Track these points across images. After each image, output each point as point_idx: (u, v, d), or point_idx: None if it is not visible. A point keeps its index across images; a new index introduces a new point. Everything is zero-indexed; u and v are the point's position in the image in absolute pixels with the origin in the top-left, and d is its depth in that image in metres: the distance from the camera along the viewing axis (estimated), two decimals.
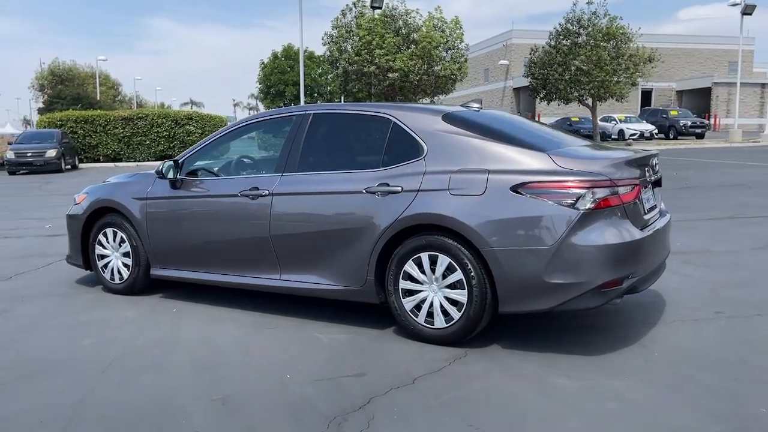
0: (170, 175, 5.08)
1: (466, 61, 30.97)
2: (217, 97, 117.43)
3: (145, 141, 28.32)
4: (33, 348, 4.20)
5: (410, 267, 4.08)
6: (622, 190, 3.82)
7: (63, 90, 52.69)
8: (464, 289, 3.91)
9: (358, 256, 4.23)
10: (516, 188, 3.79)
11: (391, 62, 28.42)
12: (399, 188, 4.10)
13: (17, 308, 5.14)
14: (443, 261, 3.97)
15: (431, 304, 4.05)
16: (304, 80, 45.81)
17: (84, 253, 5.70)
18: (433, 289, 4.04)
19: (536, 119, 44.64)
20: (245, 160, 5.26)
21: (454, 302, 3.98)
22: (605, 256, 3.69)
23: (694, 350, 3.90)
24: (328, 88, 40.60)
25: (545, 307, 3.80)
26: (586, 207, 3.68)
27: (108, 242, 5.52)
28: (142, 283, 5.41)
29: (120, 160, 28.12)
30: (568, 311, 4.13)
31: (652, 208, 4.32)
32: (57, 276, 6.18)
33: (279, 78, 47.46)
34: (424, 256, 4.03)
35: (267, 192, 4.61)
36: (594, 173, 3.76)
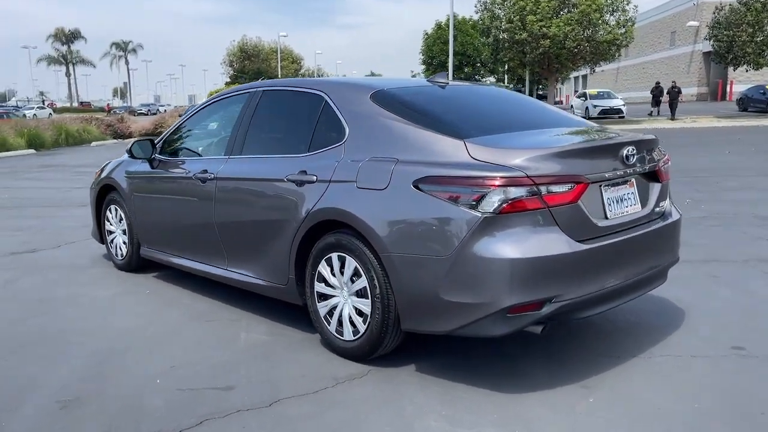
0: (138, 155, 5.01)
1: (633, 24, 28.11)
2: (399, 70, 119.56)
3: None
4: None
5: (323, 268, 3.57)
6: (548, 189, 2.97)
7: (247, 65, 56.75)
8: (368, 298, 3.34)
9: (281, 252, 3.80)
10: (417, 183, 3.11)
11: (545, 28, 26.64)
12: (314, 178, 3.59)
13: (24, 277, 5.42)
14: (350, 264, 3.41)
15: (341, 312, 3.53)
16: (465, 51, 44.96)
17: (100, 228, 5.88)
18: (344, 296, 3.50)
19: (727, 87, 38.76)
20: (213, 140, 5.01)
21: (360, 312, 3.42)
22: (512, 273, 2.89)
23: (654, 403, 2.97)
24: (479, 57, 39.19)
25: (443, 329, 3.11)
26: (490, 210, 2.90)
27: (112, 219, 5.63)
28: (136, 262, 5.44)
29: None
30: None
31: (627, 210, 3.36)
32: (97, 249, 6.44)
33: (441, 48, 46.81)
34: (335, 257, 3.50)
35: (212, 176, 4.33)
36: (505, 167, 2.95)
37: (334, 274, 3.51)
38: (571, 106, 36.82)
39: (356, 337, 3.43)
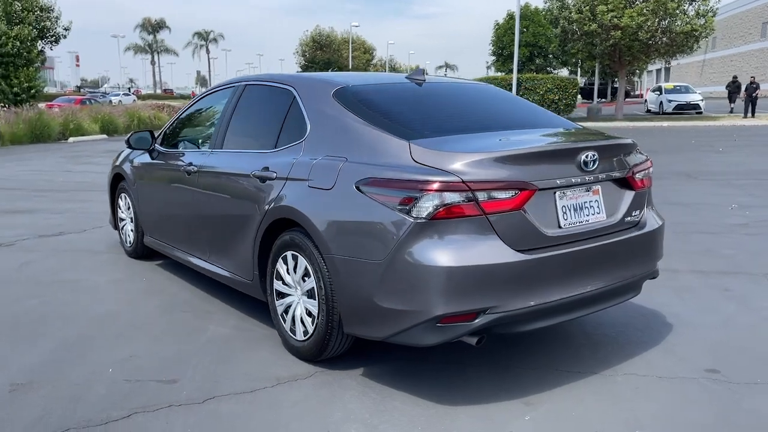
0: (137, 146, 5.12)
1: (714, 15, 26.59)
2: (472, 61, 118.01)
3: None
4: None
5: (280, 266, 3.55)
6: (488, 195, 2.82)
7: (318, 55, 57.45)
8: (316, 299, 3.29)
9: (247, 247, 3.81)
10: (358, 184, 3.03)
11: (616, 19, 25.57)
12: (274, 174, 3.56)
13: (41, 260, 5.67)
14: (302, 264, 3.37)
15: (294, 312, 3.50)
16: (537, 42, 43.72)
17: (114, 215, 6.09)
18: (298, 295, 3.47)
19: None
20: (204, 133, 5.05)
21: (309, 313, 3.38)
22: (443, 282, 2.77)
23: (592, 425, 2.78)
24: (548, 48, 37.98)
25: (378, 335, 3.03)
26: (423, 215, 2.78)
27: (122, 207, 5.81)
28: (141, 249, 5.59)
29: None
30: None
31: (588, 218, 3.16)
32: (115, 236, 6.65)
33: (512, 39, 45.54)
34: (289, 256, 3.47)
35: (196, 169, 4.38)
36: (441, 171, 2.82)
37: (289, 273, 3.49)
38: (645, 100, 35.33)
39: (306, 338, 3.40)
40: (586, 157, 3.09)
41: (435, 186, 2.77)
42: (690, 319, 4.06)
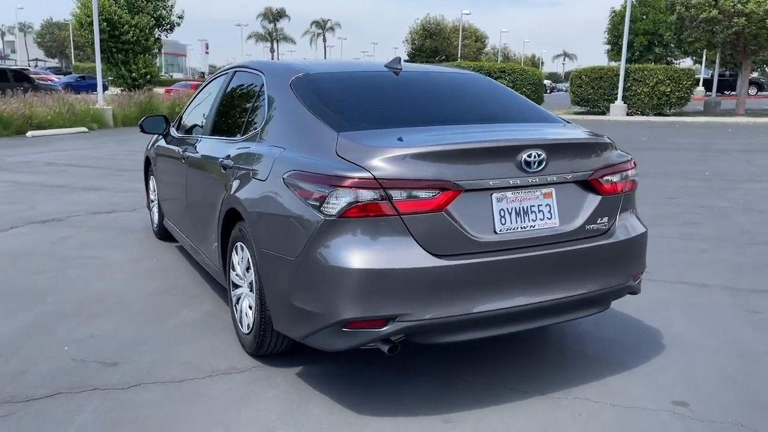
0: (150, 131, 5.24)
1: None
2: (596, 49, 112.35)
3: None
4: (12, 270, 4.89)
5: (234, 256, 3.51)
6: (406, 194, 2.60)
7: (425, 44, 57.17)
8: (254, 292, 3.22)
9: (215, 236, 3.81)
10: (284, 176, 2.90)
11: (740, 5, 23.44)
12: (231, 163, 3.52)
13: (77, 236, 5.99)
14: (245, 256, 3.31)
15: (242, 304, 3.45)
16: (657, 30, 40.87)
17: (147, 197, 6.34)
18: (245, 287, 3.41)
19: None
20: (203, 118, 5.07)
21: (251, 306, 3.31)
22: (349, 285, 2.59)
23: None
24: (664, 36, 35.23)
25: (295, 335, 2.90)
26: (333, 213, 2.61)
27: (151, 189, 6.03)
28: (162, 231, 5.77)
29: None
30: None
31: (534, 224, 2.86)
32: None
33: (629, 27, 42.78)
34: (238, 247, 3.42)
35: (187, 154, 4.43)
36: (356, 167, 2.63)
37: (239, 264, 3.44)
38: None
39: (248, 331, 3.34)
40: (528, 156, 2.78)
41: (345, 182, 2.60)
42: (690, 342, 3.61)
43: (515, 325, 2.90)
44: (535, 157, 2.79)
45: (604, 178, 3.03)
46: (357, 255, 2.59)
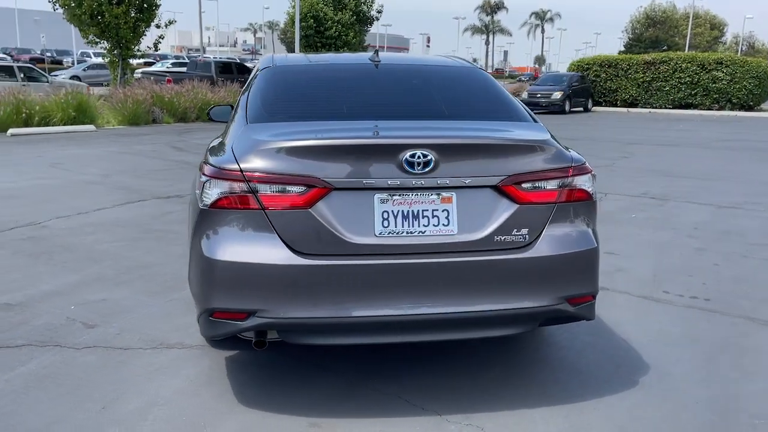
0: (217, 118, 5.60)
1: None
2: None
3: (665, 87, 26.66)
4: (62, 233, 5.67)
5: None
6: (270, 189, 2.56)
7: (645, 33, 52.91)
8: None
9: None
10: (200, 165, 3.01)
11: None
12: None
13: (181, 212, 6.73)
14: None
15: None
16: None
17: None
18: None
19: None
20: None
21: None
22: (214, 275, 2.62)
23: None
24: None
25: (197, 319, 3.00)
26: (207, 203, 2.66)
27: None
28: None
29: (635, 106, 27.39)
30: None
31: (425, 229, 2.62)
32: None
33: None
34: None
35: None
36: (230, 159, 2.65)
37: None
38: None
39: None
40: (411, 156, 2.56)
41: (215, 173, 2.64)
42: (669, 379, 3.05)
43: (399, 335, 2.72)
44: (419, 157, 2.57)
45: (523, 185, 2.68)
46: (222, 246, 2.62)
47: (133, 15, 20.54)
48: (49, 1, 20.37)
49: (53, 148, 11.46)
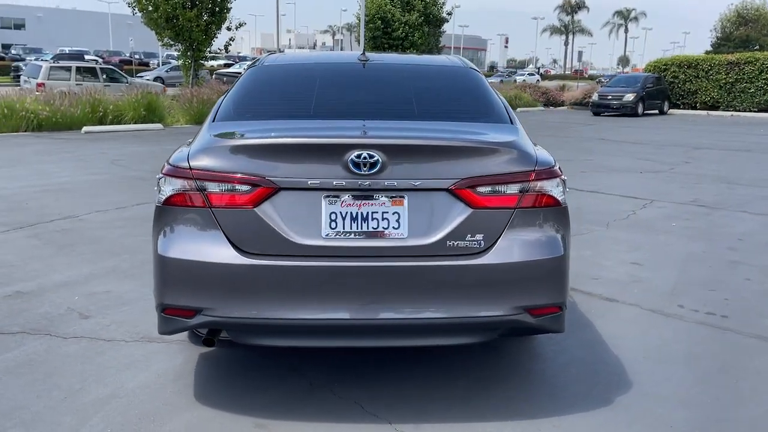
0: None
1: None
2: None
3: (749, 89, 25.12)
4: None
5: None
6: (218, 187, 2.56)
7: (735, 32, 50.11)
8: None
9: None
10: None
11: None
12: None
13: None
14: None
15: None
16: None
17: None
18: None
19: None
20: None
21: None
22: (162, 271, 2.65)
23: None
24: None
25: None
26: (161, 200, 2.69)
27: None
28: None
29: (716, 109, 25.95)
30: None
31: (375, 232, 2.54)
32: None
33: None
34: None
35: None
36: (182, 156, 2.68)
37: None
38: None
39: None
40: (357, 157, 2.49)
41: (169, 171, 2.67)
42: (648, 399, 2.84)
43: (345, 339, 2.66)
44: (365, 158, 2.50)
45: (478, 189, 2.56)
46: (170, 243, 2.64)
47: (205, 18, 21.28)
48: (129, 6, 21.41)
49: (119, 145, 12.01)
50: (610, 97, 23.80)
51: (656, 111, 25.06)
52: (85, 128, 14.27)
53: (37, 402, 2.84)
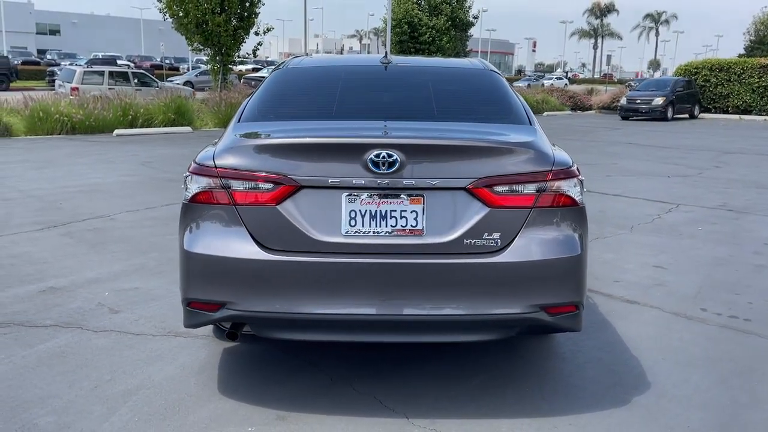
0: None
1: None
2: None
3: None
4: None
5: None
6: (242, 185, 2.65)
7: (764, 36, 49.22)
8: None
9: None
10: None
11: None
12: None
13: None
14: None
15: None
16: None
17: None
18: None
19: None
20: None
21: None
22: (189, 266, 2.75)
23: None
24: None
25: None
26: (188, 198, 2.79)
27: None
28: None
29: (749, 113, 25.50)
30: None
31: (391, 230, 2.60)
32: None
33: None
34: None
35: None
36: (209, 155, 2.77)
37: None
38: None
39: None
40: (376, 156, 2.56)
41: (195, 170, 2.77)
42: (666, 400, 2.85)
43: (364, 335, 2.73)
44: (384, 157, 2.56)
45: (496, 188, 2.60)
46: (196, 239, 2.74)
47: (233, 23, 21.59)
48: (160, 11, 21.82)
49: (149, 148, 12.27)
50: (638, 101, 23.54)
51: (686, 115, 24.72)
52: (116, 131, 14.61)
53: (68, 391, 2.95)
